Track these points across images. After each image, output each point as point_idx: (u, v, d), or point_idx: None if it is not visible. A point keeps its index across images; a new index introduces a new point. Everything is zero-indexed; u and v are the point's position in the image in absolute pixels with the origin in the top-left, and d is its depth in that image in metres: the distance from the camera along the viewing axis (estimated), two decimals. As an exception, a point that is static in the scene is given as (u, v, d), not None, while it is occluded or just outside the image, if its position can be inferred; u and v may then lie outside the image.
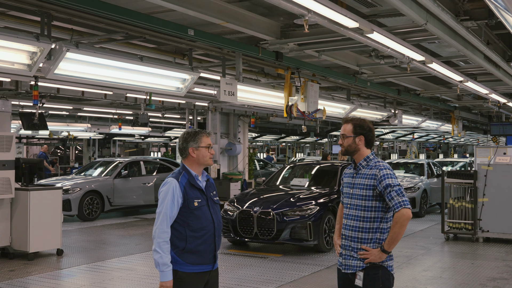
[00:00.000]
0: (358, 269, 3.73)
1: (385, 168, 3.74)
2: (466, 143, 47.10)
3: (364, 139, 3.84)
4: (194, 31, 7.05)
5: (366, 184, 3.75)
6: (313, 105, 10.03)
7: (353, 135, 3.84)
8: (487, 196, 10.66)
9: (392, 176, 3.71)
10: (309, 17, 5.47)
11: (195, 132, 3.93)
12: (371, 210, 3.73)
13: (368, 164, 3.81)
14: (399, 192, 3.64)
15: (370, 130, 3.88)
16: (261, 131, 26.77)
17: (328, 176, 11.03)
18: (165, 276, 3.71)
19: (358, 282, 3.72)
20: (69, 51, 6.31)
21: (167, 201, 3.73)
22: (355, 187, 3.82)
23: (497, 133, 15.44)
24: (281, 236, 9.14)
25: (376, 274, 3.70)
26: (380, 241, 3.73)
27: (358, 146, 3.84)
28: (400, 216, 3.60)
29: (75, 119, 21.52)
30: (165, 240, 3.70)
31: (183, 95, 9.01)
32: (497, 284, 7.45)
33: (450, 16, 6.19)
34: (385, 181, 3.68)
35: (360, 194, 3.77)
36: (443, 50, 9.85)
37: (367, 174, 3.77)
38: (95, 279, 7.81)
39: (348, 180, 3.92)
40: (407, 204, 3.62)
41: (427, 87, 14.37)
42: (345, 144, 3.87)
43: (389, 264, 3.76)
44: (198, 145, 3.88)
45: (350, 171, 3.95)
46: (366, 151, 3.86)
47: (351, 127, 3.85)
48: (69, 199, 13.20)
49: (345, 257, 3.83)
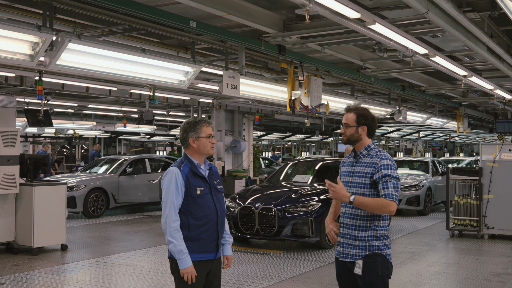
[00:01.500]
0: (358, 258, 3.72)
1: (386, 159, 3.72)
2: (472, 142, 46.92)
3: (366, 129, 3.83)
4: (196, 23, 7.05)
5: (366, 172, 3.74)
6: (316, 100, 10.01)
7: (356, 125, 3.82)
8: (492, 193, 10.60)
9: (392, 168, 3.69)
10: (310, 7, 5.45)
11: (195, 122, 3.92)
12: (370, 197, 3.71)
13: (369, 153, 3.80)
14: (395, 186, 3.64)
15: (373, 120, 3.87)
16: (266, 130, 26.77)
17: (331, 172, 10.90)
18: (183, 263, 3.69)
19: (357, 271, 3.71)
20: (71, 41, 6.33)
21: (171, 189, 3.73)
22: (354, 175, 3.80)
23: (503, 130, 15.36)
24: (283, 232, 9.07)
25: (375, 262, 3.70)
26: (378, 227, 3.72)
27: (360, 135, 3.83)
28: (387, 204, 3.60)
29: (81, 117, 21.58)
30: (175, 229, 3.70)
31: (186, 88, 9.01)
32: (501, 279, 7.41)
33: (451, 5, 6.16)
34: (384, 171, 3.67)
35: (359, 182, 3.76)
36: (446, 44, 9.81)
37: (367, 162, 3.76)
38: (99, 274, 7.82)
39: (347, 168, 3.91)
40: (397, 200, 3.64)
41: (432, 83, 14.32)
42: (347, 134, 3.86)
43: (388, 252, 3.76)
44: (198, 135, 3.86)
45: (349, 160, 3.93)
46: (368, 141, 3.85)
47: (354, 116, 3.83)
48: (74, 196, 13.24)
49: (343, 245, 3.82)
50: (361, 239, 3.73)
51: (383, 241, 3.74)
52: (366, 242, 3.72)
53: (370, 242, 3.71)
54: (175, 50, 9.09)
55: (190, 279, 3.68)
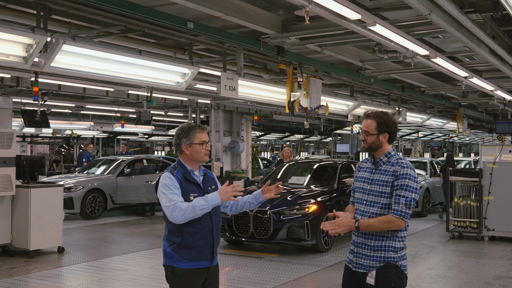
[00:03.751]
0: (371, 269, 3.60)
1: (408, 167, 3.59)
2: (471, 142, 46.90)
3: (388, 136, 3.70)
4: (194, 24, 6.95)
5: (386, 180, 3.61)
6: (315, 101, 9.91)
7: (376, 133, 3.68)
8: (492, 194, 10.55)
9: (412, 178, 3.57)
10: (310, 8, 5.35)
11: (188, 127, 3.81)
12: (390, 207, 3.59)
13: (390, 161, 3.67)
14: (407, 203, 3.53)
15: (394, 126, 3.72)
16: (265, 130, 26.69)
17: (327, 174, 10.81)
18: (216, 199, 3.60)
19: (370, 280, 3.60)
20: (65, 43, 6.23)
21: (170, 190, 3.64)
22: (373, 183, 3.67)
23: (503, 131, 15.29)
24: (278, 235, 8.92)
25: (389, 273, 3.57)
26: (396, 238, 3.61)
27: (381, 143, 3.69)
28: (393, 220, 3.53)
29: (78, 117, 21.49)
30: (186, 207, 3.54)
31: (183, 90, 8.91)
32: (502, 283, 7.34)
33: (454, 6, 6.08)
34: (403, 180, 3.55)
35: (378, 191, 3.62)
36: (447, 45, 9.73)
37: (388, 170, 3.63)
38: (96, 277, 7.74)
39: (365, 175, 3.76)
40: (407, 217, 3.55)
41: (432, 84, 14.24)
42: (368, 141, 3.71)
43: (403, 263, 3.63)
44: (191, 142, 3.76)
45: (367, 165, 3.79)
46: (388, 147, 3.73)
47: (374, 123, 3.68)
48: (71, 197, 13.15)
49: (357, 254, 3.69)
50: (376, 248, 3.60)
51: (399, 253, 3.62)
52: (382, 252, 3.59)
53: (387, 253, 3.59)
54: (172, 51, 9.00)
55: (232, 190, 3.61)
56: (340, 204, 9.65)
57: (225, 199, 3.62)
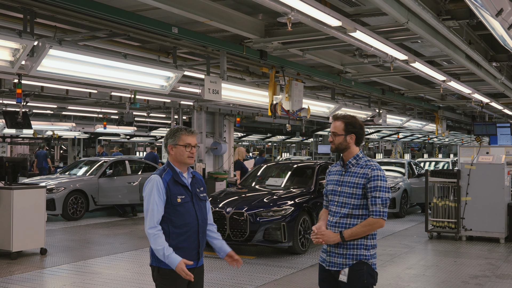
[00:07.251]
0: (344, 267, 3.74)
1: (377, 169, 3.75)
2: (450, 143, 47.53)
3: (355, 137, 3.85)
4: (178, 29, 7.04)
5: (356, 182, 3.75)
6: (297, 104, 10.06)
7: (344, 133, 3.83)
8: (470, 195, 10.75)
9: (383, 179, 3.73)
10: (292, 15, 5.49)
11: (176, 129, 3.92)
12: (359, 208, 3.75)
13: (358, 163, 3.82)
14: (383, 202, 3.70)
15: (361, 128, 3.88)
16: (247, 131, 26.78)
17: (305, 176, 10.73)
18: (172, 262, 3.67)
19: (343, 278, 3.74)
20: (52, 48, 6.28)
21: (152, 197, 3.73)
22: (343, 185, 3.81)
23: (480, 132, 15.54)
24: (254, 237, 8.83)
25: (361, 270, 3.73)
26: (368, 236, 3.78)
27: (348, 144, 3.84)
28: (375, 222, 3.71)
29: (60, 118, 21.36)
30: (156, 234, 3.69)
31: (167, 93, 8.99)
32: (479, 282, 7.53)
33: (431, 15, 6.25)
34: (375, 182, 3.71)
35: (349, 192, 3.77)
36: (426, 50, 9.93)
37: (357, 172, 3.78)
38: (79, 279, 7.76)
39: (335, 177, 3.90)
40: (385, 216, 3.73)
41: (411, 87, 14.48)
42: (336, 142, 3.86)
43: (373, 262, 3.80)
44: (176, 143, 3.86)
45: (337, 169, 3.93)
46: (356, 149, 3.86)
47: (342, 125, 3.84)
48: (53, 199, 13.11)
49: (330, 253, 3.82)
50: (349, 247, 3.75)
51: (370, 251, 3.78)
52: (354, 250, 3.74)
53: (359, 251, 3.74)
54: (156, 55, 9.07)
55: (185, 275, 3.65)
56: (317, 205, 9.62)
57: (177, 270, 3.66)
